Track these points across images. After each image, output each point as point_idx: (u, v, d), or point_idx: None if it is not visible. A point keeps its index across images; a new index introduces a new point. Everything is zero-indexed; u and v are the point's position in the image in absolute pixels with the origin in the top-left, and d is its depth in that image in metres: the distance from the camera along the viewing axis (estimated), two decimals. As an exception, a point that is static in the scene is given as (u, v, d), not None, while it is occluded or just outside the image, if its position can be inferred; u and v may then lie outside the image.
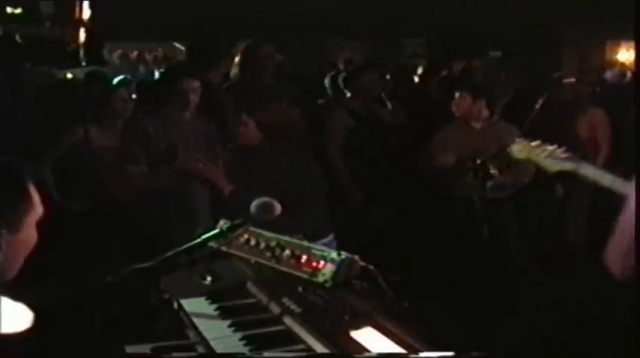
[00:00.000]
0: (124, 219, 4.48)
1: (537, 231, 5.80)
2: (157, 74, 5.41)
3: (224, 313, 2.46)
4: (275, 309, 2.42)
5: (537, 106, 6.44)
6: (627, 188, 2.61)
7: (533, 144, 3.36)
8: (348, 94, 5.92)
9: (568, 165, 3.22)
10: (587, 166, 3.23)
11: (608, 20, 10.67)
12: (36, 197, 1.87)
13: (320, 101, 6.44)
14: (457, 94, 5.45)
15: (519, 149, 3.42)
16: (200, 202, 4.48)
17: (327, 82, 6.46)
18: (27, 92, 6.37)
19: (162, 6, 12.84)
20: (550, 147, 3.31)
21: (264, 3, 12.98)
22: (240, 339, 2.25)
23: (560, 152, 3.27)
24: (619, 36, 11.78)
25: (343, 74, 6.12)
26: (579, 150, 3.58)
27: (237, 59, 5.30)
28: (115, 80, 7.37)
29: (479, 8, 12.05)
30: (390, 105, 6.18)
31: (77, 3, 13.68)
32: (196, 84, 4.53)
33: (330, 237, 3.78)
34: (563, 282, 5.06)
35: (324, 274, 2.47)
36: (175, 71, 4.97)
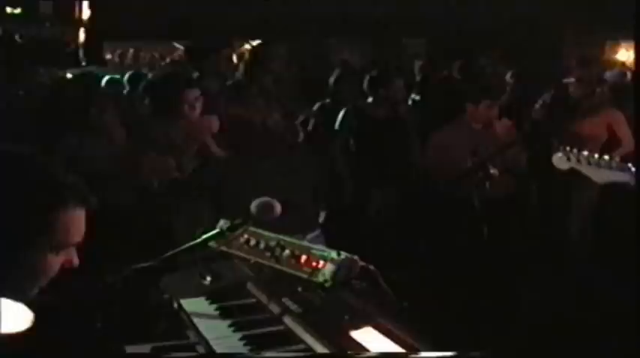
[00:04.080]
0: (123, 220, 4.48)
1: (538, 230, 5.80)
2: (157, 81, 5.39)
3: (224, 313, 2.45)
4: (275, 309, 2.42)
5: (537, 106, 6.45)
6: None
7: (578, 152, 3.08)
8: (370, 98, 5.92)
9: (618, 176, 2.94)
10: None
11: (608, 20, 10.67)
12: (73, 223, 1.64)
13: (322, 101, 6.44)
14: (483, 103, 5.38)
15: (562, 158, 3.12)
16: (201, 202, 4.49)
17: (331, 82, 6.45)
18: (26, 93, 6.37)
19: (161, 6, 12.84)
20: (596, 156, 3.03)
21: (264, 3, 12.98)
22: (240, 339, 2.25)
23: (609, 161, 2.99)
24: (619, 36, 11.78)
25: (369, 76, 6.08)
26: (587, 147, 3.36)
27: (243, 60, 5.30)
28: (105, 80, 7.35)
29: (479, 8, 12.05)
30: (394, 105, 6.19)
31: (77, 3, 13.68)
32: (197, 93, 4.57)
33: (317, 232, 3.80)
34: (564, 282, 5.07)
35: (323, 274, 2.47)
36: (177, 81, 4.97)
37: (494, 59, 9.40)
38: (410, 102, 7.21)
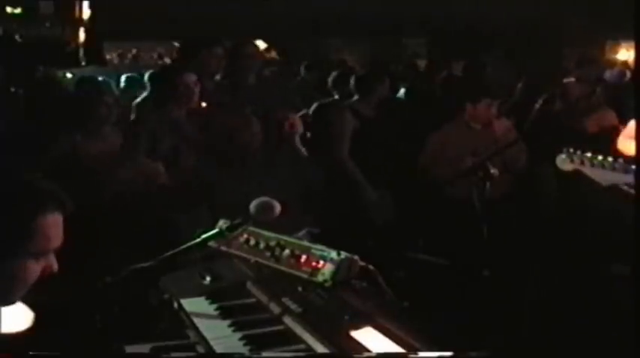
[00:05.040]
0: (123, 220, 4.48)
1: (537, 230, 5.80)
2: (155, 73, 5.41)
3: (224, 313, 2.45)
4: (275, 309, 2.42)
5: (537, 106, 6.44)
6: None
7: (582, 154, 3.02)
8: (356, 97, 5.93)
9: (622, 178, 2.89)
10: None
11: (608, 20, 10.69)
12: (52, 229, 1.67)
13: (320, 101, 6.43)
14: (483, 102, 5.39)
15: (565, 159, 3.07)
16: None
17: (330, 81, 6.44)
18: (25, 93, 6.37)
19: (161, 6, 12.84)
20: (600, 157, 2.97)
21: (264, 3, 12.97)
22: (240, 339, 2.25)
23: (613, 162, 2.93)
24: (619, 36, 11.80)
25: (354, 76, 6.09)
26: (589, 147, 3.31)
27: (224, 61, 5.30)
28: (123, 79, 7.35)
29: (479, 8, 12.05)
30: (391, 106, 6.20)
31: (77, 3, 13.69)
32: (194, 77, 4.61)
33: (304, 231, 3.80)
34: (564, 282, 5.06)
35: (323, 274, 2.47)
36: (175, 68, 5.03)
37: (495, 59, 9.42)
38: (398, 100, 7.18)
